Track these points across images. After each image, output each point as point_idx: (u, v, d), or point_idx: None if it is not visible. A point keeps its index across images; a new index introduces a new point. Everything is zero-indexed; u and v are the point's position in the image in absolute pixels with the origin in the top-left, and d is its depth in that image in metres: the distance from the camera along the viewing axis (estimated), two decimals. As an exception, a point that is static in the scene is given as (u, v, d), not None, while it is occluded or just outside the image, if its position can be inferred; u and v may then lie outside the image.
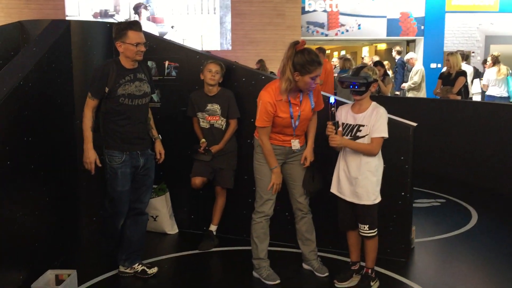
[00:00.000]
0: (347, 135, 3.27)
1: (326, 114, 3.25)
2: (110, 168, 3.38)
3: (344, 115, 3.32)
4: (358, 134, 3.23)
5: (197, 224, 4.52)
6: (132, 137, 3.40)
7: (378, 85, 7.49)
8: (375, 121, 3.18)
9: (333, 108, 3.14)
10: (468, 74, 8.05)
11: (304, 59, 3.15)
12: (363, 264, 3.51)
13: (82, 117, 3.37)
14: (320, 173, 3.53)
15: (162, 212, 4.41)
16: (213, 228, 4.23)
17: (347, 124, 3.29)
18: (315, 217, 3.67)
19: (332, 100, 3.13)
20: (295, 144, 3.44)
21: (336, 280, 3.46)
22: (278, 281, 3.49)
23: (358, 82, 3.15)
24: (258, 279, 3.56)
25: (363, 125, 3.22)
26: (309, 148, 3.51)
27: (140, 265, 3.64)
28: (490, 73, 9.24)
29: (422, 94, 9.24)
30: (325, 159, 3.66)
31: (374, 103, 3.29)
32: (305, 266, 3.73)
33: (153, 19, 13.11)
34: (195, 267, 3.86)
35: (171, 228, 4.50)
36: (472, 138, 6.42)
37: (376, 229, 3.31)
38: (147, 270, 3.62)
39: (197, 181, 4.03)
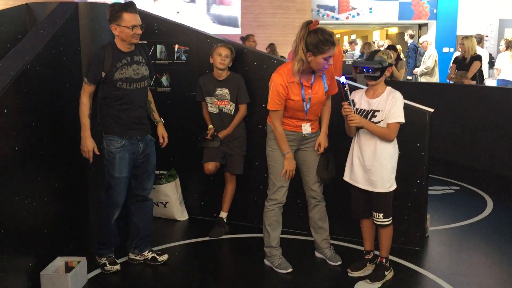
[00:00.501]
0: None
1: (340, 101, 3.14)
2: (108, 153, 3.28)
3: (358, 100, 3.22)
4: (373, 119, 3.13)
5: (207, 211, 4.46)
6: (131, 122, 3.30)
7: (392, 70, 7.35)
8: (391, 106, 3.08)
9: (346, 88, 3.04)
10: (483, 58, 7.88)
11: (317, 38, 3.04)
12: (377, 253, 3.43)
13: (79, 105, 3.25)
14: (335, 160, 3.44)
15: (172, 199, 4.35)
16: (223, 215, 4.17)
17: (361, 109, 3.19)
18: (327, 205, 3.59)
19: (342, 79, 3.03)
20: (306, 128, 3.34)
21: (349, 269, 3.39)
22: (290, 270, 3.44)
23: (372, 67, 3.05)
24: (270, 267, 3.51)
25: (378, 110, 3.12)
26: (323, 134, 3.42)
27: (150, 252, 3.60)
28: (504, 58, 9.07)
29: (435, 79, 9.08)
30: (339, 145, 3.57)
31: (389, 87, 3.19)
32: (317, 254, 3.67)
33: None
34: (206, 254, 3.81)
35: (181, 214, 4.45)
36: (486, 123, 6.29)
37: (391, 218, 3.23)
38: (157, 257, 3.58)
39: (210, 166, 3.95)
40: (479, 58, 7.23)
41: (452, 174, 6.02)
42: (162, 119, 3.63)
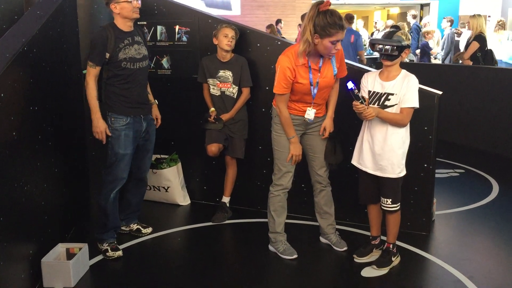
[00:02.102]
0: (374, 104, 3.07)
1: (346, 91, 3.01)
2: (113, 130, 3.33)
3: (371, 82, 3.11)
4: (387, 103, 3.03)
5: (209, 195, 4.40)
6: (135, 102, 3.38)
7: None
8: (406, 90, 2.98)
9: (355, 92, 2.92)
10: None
11: (326, 21, 2.92)
12: (383, 238, 3.38)
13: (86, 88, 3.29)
14: (342, 145, 3.36)
15: (174, 183, 4.29)
16: (225, 199, 4.12)
17: (374, 92, 3.09)
18: (332, 190, 3.52)
19: (350, 86, 2.90)
20: (310, 113, 3.24)
21: (355, 255, 3.34)
22: (295, 256, 3.39)
23: (391, 45, 2.94)
24: (274, 253, 3.46)
25: (392, 94, 3.02)
26: (328, 118, 3.33)
27: (136, 224, 3.80)
28: (493, 39, 8.96)
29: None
30: (346, 129, 3.50)
31: (404, 70, 3.07)
32: (322, 240, 3.62)
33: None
34: (209, 239, 3.76)
35: (183, 199, 4.39)
36: (492, 105, 6.20)
37: (399, 204, 3.16)
38: (142, 229, 3.78)
39: (214, 148, 3.87)
40: (478, 38, 7.04)
41: (457, 157, 5.95)
42: (156, 100, 3.68)
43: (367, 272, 3.19)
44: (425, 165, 3.64)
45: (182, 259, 3.53)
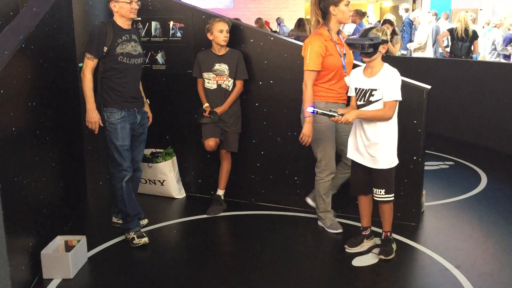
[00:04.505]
0: (360, 100, 3.17)
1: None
2: (110, 124, 3.45)
3: (357, 79, 3.21)
4: (371, 98, 3.13)
5: (204, 188, 4.48)
6: (129, 96, 3.50)
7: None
8: (388, 84, 3.07)
9: (318, 113, 3.10)
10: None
11: None
12: (374, 229, 3.48)
13: (82, 80, 3.42)
14: None
15: (169, 177, 4.36)
16: (220, 192, 4.19)
17: (359, 88, 3.18)
18: (325, 182, 3.61)
19: (311, 110, 3.12)
20: (347, 80, 3.38)
21: (346, 245, 3.43)
22: (340, 230, 3.67)
23: (364, 44, 3.04)
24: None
25: (375, 89, 3.11)
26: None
27: None
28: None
29: (428, 53, 9.15)
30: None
31: (386, 65, 3.17)
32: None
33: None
34: (203, 232, 3.84)
35: (178, 192, 4.47)
36: (480, 98, 6.31)
37: (393, 194, 3.26)
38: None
39: (211, 142, 3.94)
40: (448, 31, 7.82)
41: (447, 149, 6.07)
42: (148, 100, 3.79)
43: (358, 262, 3.29)
44: (414, 158, 3.73)
45: (177, 251, 3.61)
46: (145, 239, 3.50)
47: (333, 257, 3.43)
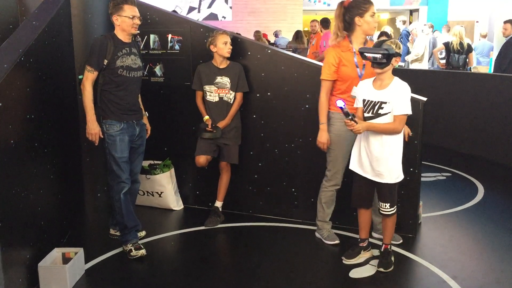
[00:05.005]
0: (368, 112, 3.17)
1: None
2: (109, 136, 3.49)
3: (366, 91, 3.20)
4: (380, 111, 3.12)
5: (202, 200, 4.49)
6: (128, 108, 3.53)
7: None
8: (398, 98, 3.07)
9: (345, 110, 3.05)
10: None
11: (355, 3, 3.40)
12: (372, 240, 3.49)
13: (82, 92, 3.45)
14: None
15: (167, 188, 4.37)
16: (218, 204, 4.20)
17: (368, 100, 3.18)
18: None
19: (340, 104, 3.05)
20: (354, 89, 3.40)
21: (344, 257, 3.44)
22: (336, 241, 3.69)
23: (379, 53, 3.04)
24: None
25: (385, 102, 3.10)
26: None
27: None
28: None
29: (424, 64, 9.24)
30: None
31: (396, 78, 3.16)
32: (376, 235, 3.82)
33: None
34: (202, 243, 3.84)
35: (176, 204, 4.48)
36: (477, 110, 6.35)
37: (396, 207, 3.27)
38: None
39: (201, 159, 3.97)
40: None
41: (444, 160, 6.09)
42: (146, 112, 3.82)
43: (356, 273, 3.29)
44: (411, 169, 3.75)
45: (175, 263, 3.61)
46: (143, 251, 3.51)
47: (331, 268, 3.43)
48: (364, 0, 3.41)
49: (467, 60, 7.91)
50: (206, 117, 3.98)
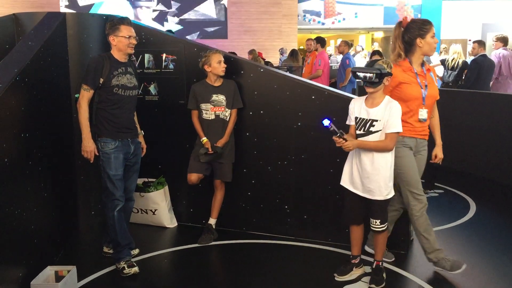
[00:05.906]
0: (360, 130, 3.23)
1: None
2: (104, 154, 3.52)
3: (358, 109, 3.27)
4: (371, 129, 3.18)
5: (196, 217, 4.50)
6: (123, 126, 3.57)
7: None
8: (389, 116, 3.13)
9: (331, 129, 3.10)
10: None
11: (416, 24, 3.39)
12: (364, 257, 3.51)
13: (78, 110, 3.48)
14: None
15: (161, 206, 4.39)
16: (212, 221, 4.22)
17: (360, 118, 3.24)
18: (312, 212, 3.65)
19: (326, 123, 3.09)
20: (422, 113, 3.40)
21: (336, 273, 3.45)
22: (464, 266, 3.44)
23: (372, 73, 3.10)
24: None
25: (376, 120, 3.17)
26: (438, 146, 3.70)
27: None
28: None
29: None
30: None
31: (387, 97, 3.23)
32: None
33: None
34: (195, 261, 3.85)
35: (170, 221, 4.49)
36: (469, 127, 6.42)
37: (386, 223, 3.30)
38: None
39: (193, 178, 4.01)
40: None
41: (436, 177, 6.12)
42: (142, 131, 3.85)
43: (348, 290, 3.31)
44: (402, 186, 3.78)
45: (168, 280, 3.61)
46: (135, 269, 3.52)
47: (323, 285, 3.44)
48: (424, 21, 3.41)
49: (463, 76, 8.08)
50: (204, 139, 3.98)
